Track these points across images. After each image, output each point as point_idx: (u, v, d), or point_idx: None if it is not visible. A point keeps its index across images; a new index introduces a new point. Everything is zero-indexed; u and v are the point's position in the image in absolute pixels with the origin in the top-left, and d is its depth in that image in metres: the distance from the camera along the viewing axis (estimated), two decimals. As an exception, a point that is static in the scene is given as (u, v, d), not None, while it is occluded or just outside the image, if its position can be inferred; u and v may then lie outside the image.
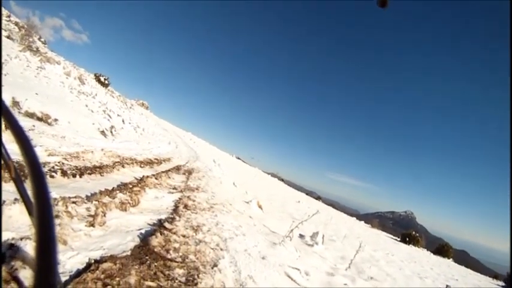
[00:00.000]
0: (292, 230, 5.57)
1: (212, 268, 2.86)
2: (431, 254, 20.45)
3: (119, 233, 3.02)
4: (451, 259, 20.83)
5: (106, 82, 26.42)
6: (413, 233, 22.21)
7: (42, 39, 18.98)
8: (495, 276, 20.35)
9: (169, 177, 7.15)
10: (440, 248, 21.94)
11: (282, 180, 46.70)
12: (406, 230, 25.74)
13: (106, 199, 3.67)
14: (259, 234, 5.23)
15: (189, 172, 9.49)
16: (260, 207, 8.01)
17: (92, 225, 2.91)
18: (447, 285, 7.60)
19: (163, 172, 7.46)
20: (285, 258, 4.37)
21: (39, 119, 7.06)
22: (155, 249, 2.74)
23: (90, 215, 3.05)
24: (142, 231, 3.23)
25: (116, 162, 6.45)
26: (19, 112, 6.68)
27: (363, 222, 29.38)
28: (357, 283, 4.66)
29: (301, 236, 6.79)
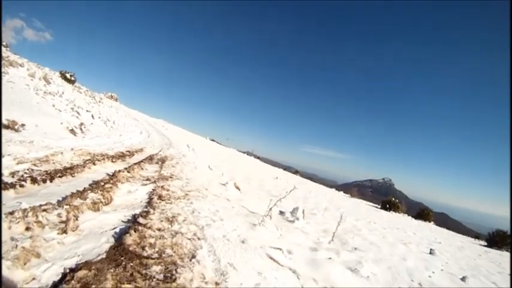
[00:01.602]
0: (271, 209, 5.56)
1: (190, 260, 2.92)
2: (413, 219, 21.07)
3: (93, 235, 3.02)
4: (432, 222, 21.45)
5: (72, 79, 25.98)
6: (393, 199, 22.68)
7: (4, 43, 17.51)
8: (476, 236, 21.04)
9: (142, 169, 7.05)
10: (421, 212, 22.35)
11: (258, 157, 46.90)
12: (385, 196, 26.09)
13: (77, 201, 3.60)
14: (238, 216, 5.30)
15: (163, 160, 9.38)
16: (237, 188, 8.04)
17: (65, 231, 2.89)
18: (431, 250, 7.70)
19: (135, 164, 7.32)
20: (266, 239, 4.40)
21: (6, 127, 6.75)
22: (130, 248, 2.77)
23: (61, 221, 3.01)
24: (117, 230, 3.24)
25: (87, 160, 6.27)
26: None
27: (342, 192, 29.92)
28: (342, 255, 4.67)
29: (281, 212, 6.89)
